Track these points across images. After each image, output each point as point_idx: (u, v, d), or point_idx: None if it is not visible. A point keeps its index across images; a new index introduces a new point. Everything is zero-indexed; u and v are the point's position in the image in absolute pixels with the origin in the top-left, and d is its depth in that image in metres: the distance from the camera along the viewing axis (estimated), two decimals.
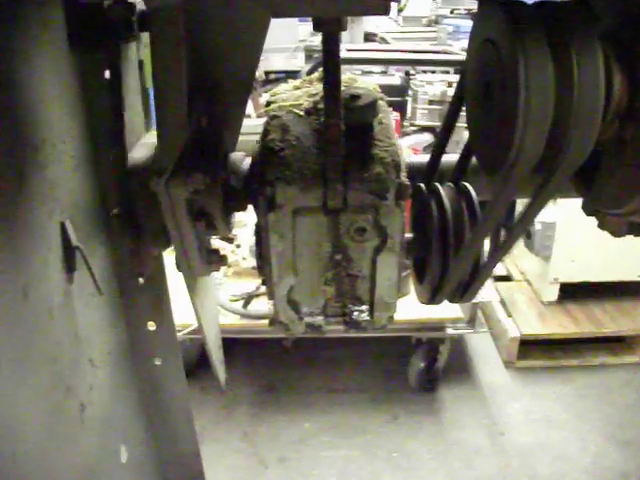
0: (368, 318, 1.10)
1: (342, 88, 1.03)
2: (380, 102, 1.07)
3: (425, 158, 1.22)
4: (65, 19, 1.17)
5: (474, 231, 1.02)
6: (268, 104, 1.12)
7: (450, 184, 1.15)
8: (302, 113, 1.06)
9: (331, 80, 0.92)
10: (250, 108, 4.22)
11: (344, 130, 0.96)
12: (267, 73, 5.14)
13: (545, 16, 0.76)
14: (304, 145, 1.00)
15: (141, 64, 1.41)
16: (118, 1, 1.12)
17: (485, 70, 0.86)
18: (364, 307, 1.10)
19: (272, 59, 5.13)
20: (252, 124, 1.30)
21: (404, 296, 1.27)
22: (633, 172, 0.81)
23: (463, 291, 1.14)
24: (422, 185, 1.16)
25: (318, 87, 1.12)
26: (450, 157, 1.21)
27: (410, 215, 1.22)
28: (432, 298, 1.15)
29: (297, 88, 1.16)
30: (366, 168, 0.97)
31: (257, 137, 1.09)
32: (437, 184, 1.14)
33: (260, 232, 1.06)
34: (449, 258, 1.07)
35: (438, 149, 1.16)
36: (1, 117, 0.99)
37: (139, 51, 1.36)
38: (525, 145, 0.75)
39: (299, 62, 5.23)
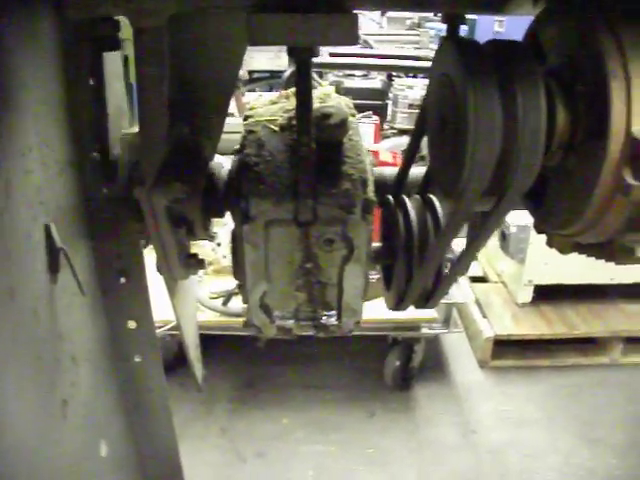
0: (336, 323, 1.17)
1: (315, 105, 1.09)
2: (351, 119, 1.13)
3: (394, 170, 1.28)
4: (54, 29, 1.21)
5: (433, 246, 1.09)
6: (246, 118, 1.17)
7: (417, 196, 1.21)
8: (277, 129, 1.12)
9: (303, 103, 0.98)
10: (234, 107, 4.25)
11: (315, 147, 1.02)
12: (251, 72, 5.17)
13: (495, 54, 0.84)
14: (278, 160, 1.06)
15: (126, 59, 1.45)
16: (105, 18, 1.17)
17: (442, 102, 0.93)
18: (333, 312, 1.17)
19: (256, 59, 5.16)
20: (236, 123, 1.34)
21: (377, 297, 1.33)
22: (575, 198, 0.88)
23: (427, 298, 1.21)
24: (390, 197, 1.22)
25: (294, 102, 1.17)
26: (419, 169, 1.28)
27: (380, 225, 1.29)
28: (398, 304, 1.21)
29: (274, 103, 1.22)
30: (335, 184, 1.03)
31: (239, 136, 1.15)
32: (404, 196, 1.20)
33: (236, 240, 1.13)
34: (414, 267, 1.14)
35: (404, 167, 1.23)
36: None
37: (123, 50, 1.40)
38: (473, 174, 0.82)
39: (283, 62, 5.24)
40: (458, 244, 1.10)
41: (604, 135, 0.79)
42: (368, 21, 7.37)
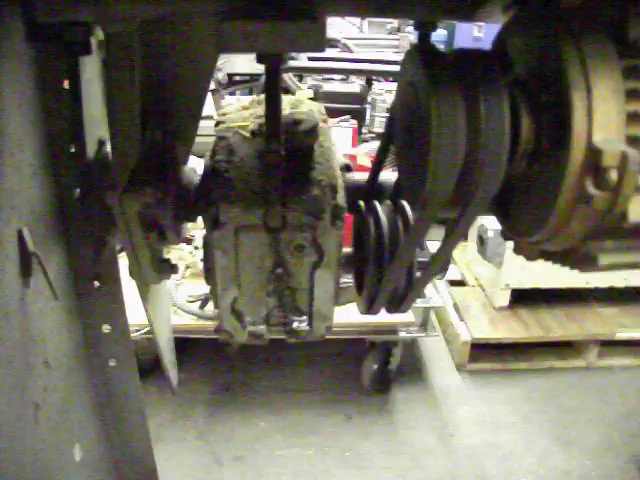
0: (307, 328, 1.18)
1: (287, 111, 1.10)
2: (322, 125, 1.13)
3: (366, 176, 1.29)
4: (25, 33, 1.21)
5: (400, 250, 1.09)
6: (217, 124, 1.18)
7: (388, 202, 1.22)
8: (248, 134, 1.12)
9: (272, 109, 0.98)
10: (212, 110, 4.25)
11: (286, 153, 1.03)
12: (230, 76, 5.15)
13: (460, 63, 0.85)
14: (248, 166, 1.07)
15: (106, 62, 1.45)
16: (76, 22, 1.17)
17: (407, 111, 0.94)
18: (304, 318, 1.17)
19: (235, 62, 5.14)
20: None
21: (352, 302, 1.35)
22: (539, 206, 0.89)
23: (399, 302, 1.21)
24: (362, 203, 1.23)
25: None
26: (391, 175, 1.29)
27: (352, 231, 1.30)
28: (369, 308, 1.22)
29: (245, 109, 1.22)
30: (305, 190, 1.04)
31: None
32: (376, 202, 1.21)
33: (207, 246, 1.13)
34: (384, 271, 1.15)
35: (373, 173, 1.24)
36: None
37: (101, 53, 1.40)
38: (437, 182, 0.83)
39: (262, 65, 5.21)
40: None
41: (566, 145, 0.80)
42: (348, 25, 7.38)
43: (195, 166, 1.29)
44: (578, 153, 0.80)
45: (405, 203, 1.20)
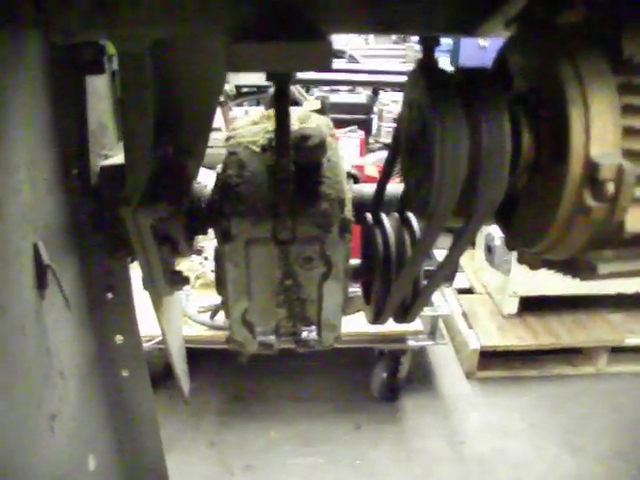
0: (316, 337, 1.21)
1: (295, 126, 1.13)
2: (329, 140, 1.16)
3: (373, 188, 1.32)
4: (40, 52, 1.24)
5: (407, 263, 1.12)
6: (228, 139, 1.21)
7: (395, 214, 1.25)
8: (258, 150, 1.15)
9: (281, 125, 1.01)
10: (221, 122, 4.28)
11: (295, 168, 1.06)
12: (238, 87, 5.18)
13: (462, 81, 0.88)
14: (258, 181, 1.10)
15: (114, 74, 1.49)
16: (88, 43, 1.21)
17: (412, 127, 0.97)
18: (313, 327, 1.20)
19: (243, 73, 5.17)
20: (223, 137, 1.37)
21: (359, 311, 1.37)
22: (540, 218, 0.92)
23: (406, 312, 1.24)
24: (369, 215, 1.26)
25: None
26: (398, 187, 1.31)
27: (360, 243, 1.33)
28: (377, 318, 1.24)
29: (255, 124, 1.25)
30: (313, 204, 1.07)
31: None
32: (383, 214, 1.23)
33: (218, 258, 1.16)
34: (391, 283, 1.17)
35: (381, 185, 1.26)
36: None
37: (111, 65, 1.43)
38: (441, 198, 0.86)
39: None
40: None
41: (565, 158, 0.83)
42: (354, 36, 7.42)
43: (205, 180, 1.33)
44: (576, 166, 0.83)
45: (411, 215, 1.22)
